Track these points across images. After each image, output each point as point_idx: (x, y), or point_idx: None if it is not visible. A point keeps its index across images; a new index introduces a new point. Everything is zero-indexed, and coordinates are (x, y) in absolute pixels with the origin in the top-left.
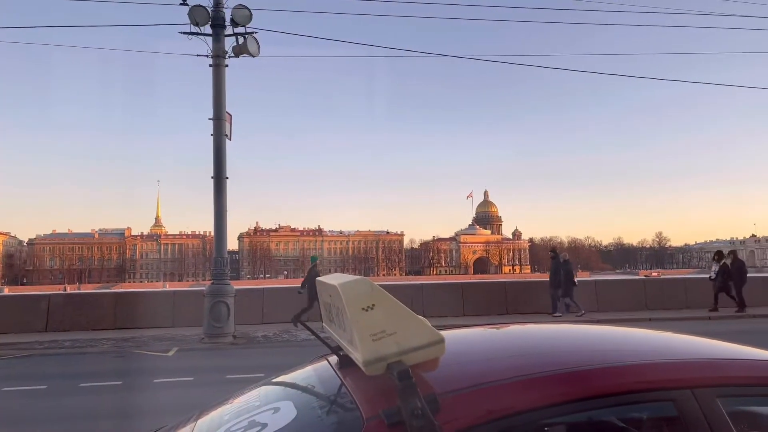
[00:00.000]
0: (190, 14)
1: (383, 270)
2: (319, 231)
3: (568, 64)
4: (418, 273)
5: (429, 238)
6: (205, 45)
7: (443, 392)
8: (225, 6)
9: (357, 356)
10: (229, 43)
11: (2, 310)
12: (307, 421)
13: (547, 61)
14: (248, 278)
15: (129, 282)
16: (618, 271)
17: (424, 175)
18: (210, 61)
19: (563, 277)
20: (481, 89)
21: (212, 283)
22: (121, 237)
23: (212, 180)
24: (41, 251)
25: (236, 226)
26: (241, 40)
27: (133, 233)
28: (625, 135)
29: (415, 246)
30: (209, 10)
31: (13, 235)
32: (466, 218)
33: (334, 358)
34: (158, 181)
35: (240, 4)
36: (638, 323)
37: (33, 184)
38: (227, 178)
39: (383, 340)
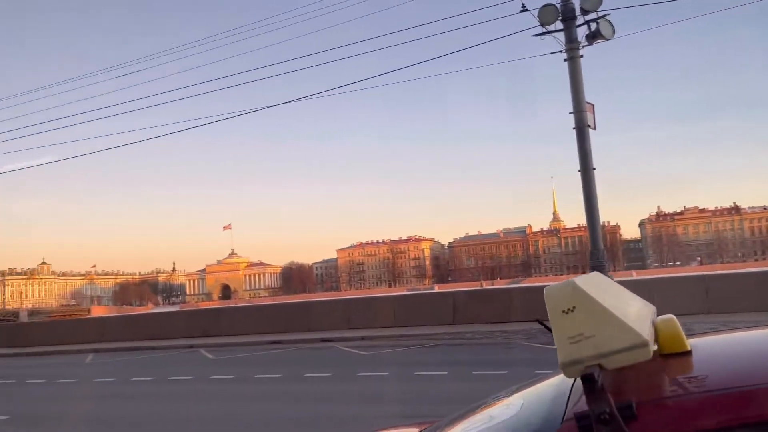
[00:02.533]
0: (540, 15)
1: None
2: (735, 209)
3: None
4: None
5: None
6: (555, 41)
7: (645, 399)
8: None
9: None
10: (581, 33)
11: (421, 306)
12: (522, 416)
13: None
14: (655, 266)
15: (535, 276)
16: None
17: None
18: (564, 56)
19: None
20: None
21: None
22: (523, 234)
23: (579, 173)
24: (459, 252)
25: (636, 212)
26: (593, 26)
27: (533, 230)
28: None
29: None
30: (557, 6)
31: (436, 240)
32: None
33: None
34: (551, 177)
35: None
36: None
37: (448, 195)
38: (594, 168)
39: (581, 343)
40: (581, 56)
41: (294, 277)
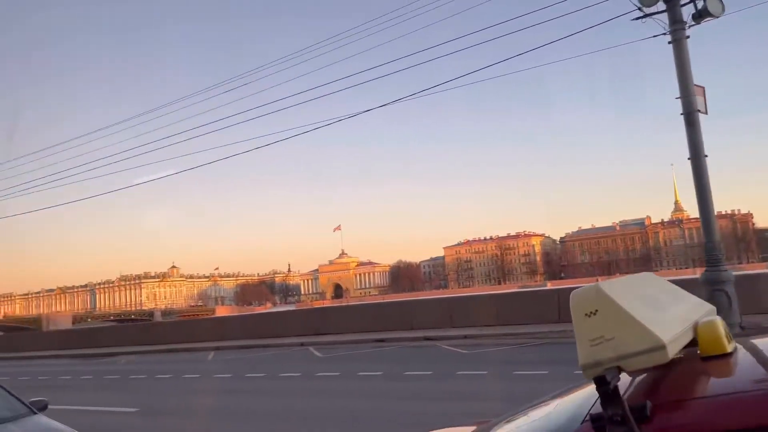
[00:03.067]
0: None
1: None
2: None
3: None
4: None
5: None
6: (657, 24)
7: (663, 401)
8: None
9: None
10: (686, 13)
11: (524, 304)
12: (550, 417)
13: None
14: None
15: (656, 270)
16: None
17: None
18: (668, 38)
19: None
20: None
21: (706, 271)
22: (641, 226)
23: (689, 162)
24: (572, 247)
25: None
26: (700, 4)
27: (653, 221)
28: None
29: None
30: None
31: (547, 235)
32: None
33: None
34: (672, 165)
35: None
36: None
37: (558, 189)
38: (706, 156)
39: (600, 345)
40: (687, 37)
41: (402, 275)
